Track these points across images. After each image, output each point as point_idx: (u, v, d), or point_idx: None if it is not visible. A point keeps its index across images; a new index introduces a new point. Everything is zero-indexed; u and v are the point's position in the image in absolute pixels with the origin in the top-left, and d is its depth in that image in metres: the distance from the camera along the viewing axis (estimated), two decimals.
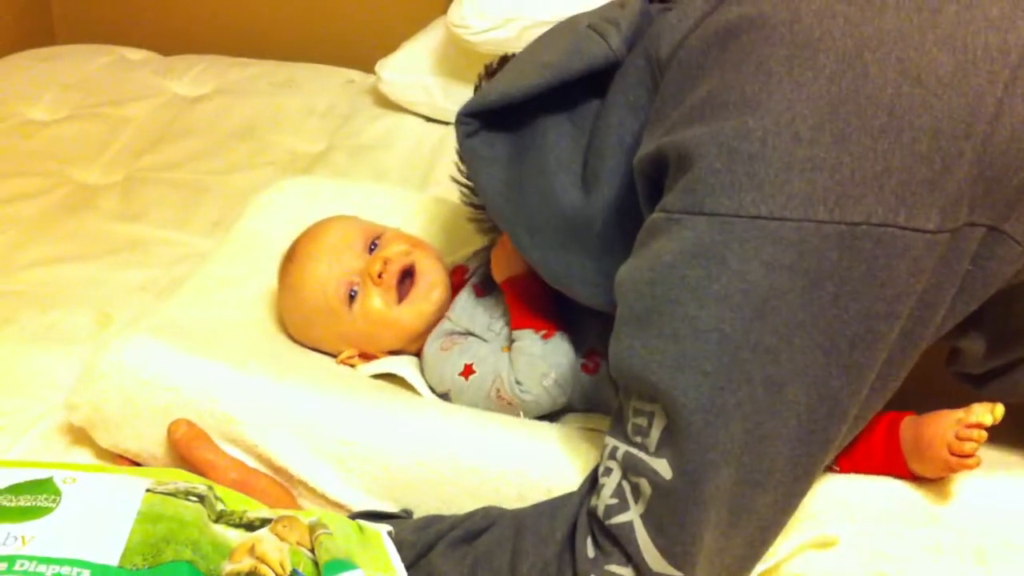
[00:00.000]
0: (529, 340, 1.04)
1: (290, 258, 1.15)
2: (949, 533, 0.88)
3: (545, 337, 1.04)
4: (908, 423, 0.90)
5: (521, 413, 1.04)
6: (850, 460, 0.91)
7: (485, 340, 1.09)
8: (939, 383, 0.96)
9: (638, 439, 0.81)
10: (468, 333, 1.10)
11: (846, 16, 0.77)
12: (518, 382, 1.03)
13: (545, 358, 1.03)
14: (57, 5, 2.42)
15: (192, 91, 2.01)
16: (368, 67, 1.94)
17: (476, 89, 1.07)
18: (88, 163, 1.73)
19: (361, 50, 2.02)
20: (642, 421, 0.81)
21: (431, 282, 1.12)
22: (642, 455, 0.80)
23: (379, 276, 1.09)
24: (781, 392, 0.77)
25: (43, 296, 1.34)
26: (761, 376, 0.76)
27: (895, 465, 0.90)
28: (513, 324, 1.06)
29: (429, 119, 1.85)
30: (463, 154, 1.00)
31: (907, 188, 0.74)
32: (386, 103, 1.88)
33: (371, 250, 1.13)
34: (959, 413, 0.86)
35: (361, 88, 1.99)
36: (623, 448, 0.82)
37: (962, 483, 0.90)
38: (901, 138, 0.74)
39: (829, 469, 0.92)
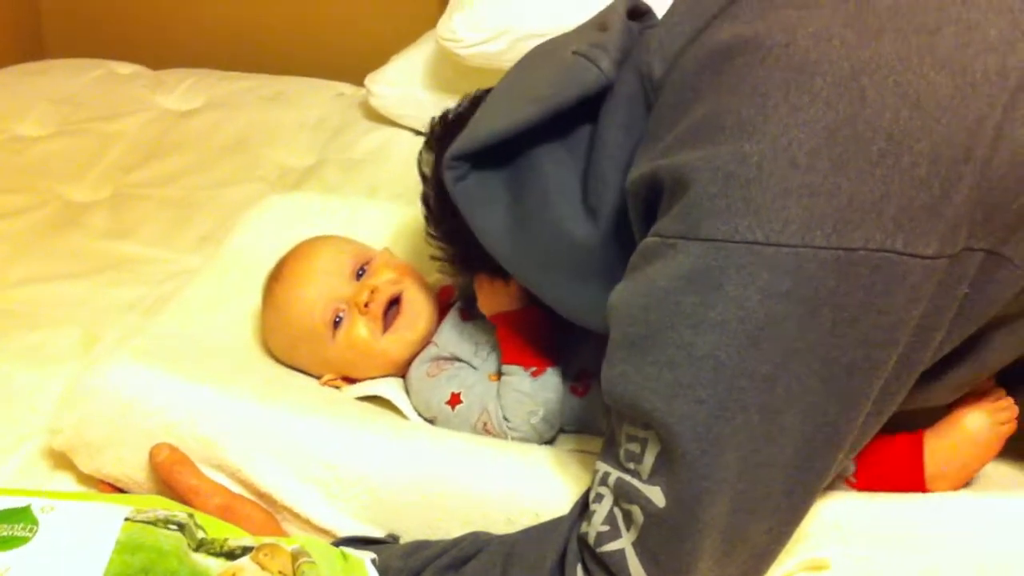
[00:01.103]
0: (518, 377, 1.03)
1: (276, 278, 1.14)
2: (948, 556, 0.86)
3: (535, 375, 1.03)
4: (932, 434, 0.92)
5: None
6: (867, 476, 0.92)
7: (472, 366, 1.08)
8: None
9: (631, 465, 0.80)
10: (454, 358, 1.09)
11: (843, 39, 0.76)
12: (506, 419, 1.02)
13: (534, 396, 1.02)
14: (47, 20, 2.41)
15: (182, 105, 1.99)
16: (359, 80, 1.92)
17: (437, 128, 1.05)
18: (76, 179, 1.71)
19: (352, 63, 2.01)
20: (635, 447, 0.79)
21: (417, 313, 1.11)
22: (635, 482, 0.79)
23: (365, 306, 1.08)
24: (777, 420, 0.75)
25: (29, 315, 1.33)
26: (757, 404, 0.75)
27: (913, 481, 0.91)
28: (503, 359, 1.05)
29: (420, 133, 1.83)
30: (458, 200, 0.95)
31: (905, 213, 0.73)
32: (377, 117, 1.87)
33: (359, 276, 1.12)
34: (984, 404, 0.93)
35: (352, 102, 1.97)
36: (615, 474, 0.81)
37: (961, 504, 0.89)
38: (900, 163, 0.73)
39: (846, 483, 0.94)
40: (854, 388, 0.76)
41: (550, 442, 1.05)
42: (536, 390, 1.02)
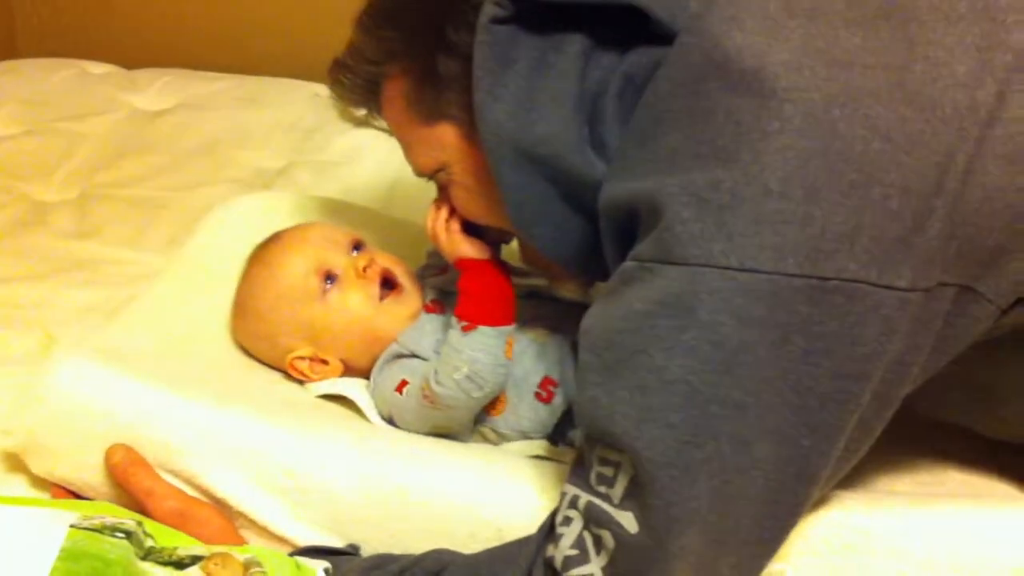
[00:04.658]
0: (452, 330, 1.01)
1: (274, 240, 1.15)
2: (915, 565, 0.85)
3: (465, 329, 1.00)
4: None
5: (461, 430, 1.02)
6: None
7: (427, 360, 1.06)
8: None
9: (602, 489, 0.78)
10: (413, 355, 1.07)
11: (812, 70, 0.75)
12: (436, 371, 1.00)
13: (460, 351, 0.99)
14: (20, 20, 2.38)
15: (154, 105, 1.96)
16: None
17: None
18: (43, 179, 1.68)
19: (327, 63, 1.98)
20: (608, 471, 0.78)
21: (410, 293, 1.12)
22: (606, 506, 0.77)
23: (364, 270, 1.08)
24: (748, 449, 0.74)
25: None
26: (728, 431, 0.74)
27: None
28: (455, 310, 1.03)
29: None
30: (481, 45, 0.87)
31: (878, 245, 0.72)
32: (352, 118, 1.84)
33: (353, 251, 1.13)
34: None
35: (327, 103, 1.94)
36: (585, 497, 0.80)
37: (928, 512, 0.87)
38: (871, 194, 0.72)
39: None
40: (827, 420, 0.75)
41: (484, 441, 1.04)
42: (463, 346, 0.99)
